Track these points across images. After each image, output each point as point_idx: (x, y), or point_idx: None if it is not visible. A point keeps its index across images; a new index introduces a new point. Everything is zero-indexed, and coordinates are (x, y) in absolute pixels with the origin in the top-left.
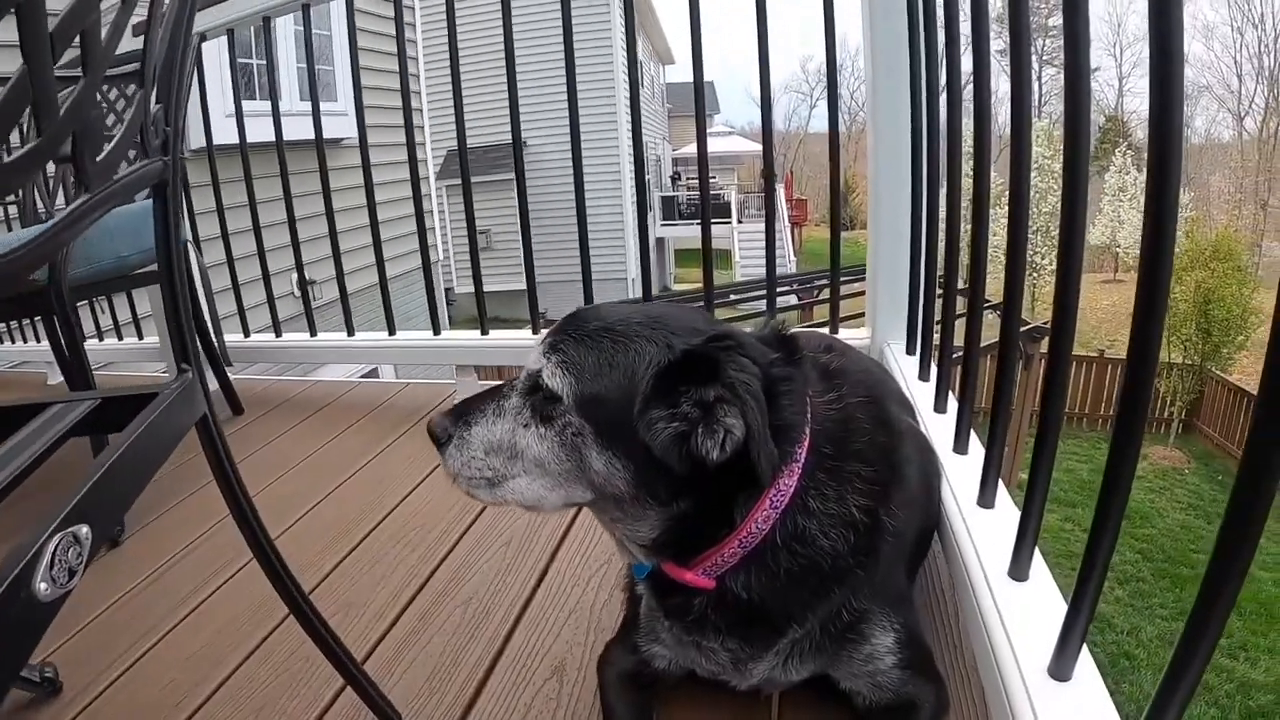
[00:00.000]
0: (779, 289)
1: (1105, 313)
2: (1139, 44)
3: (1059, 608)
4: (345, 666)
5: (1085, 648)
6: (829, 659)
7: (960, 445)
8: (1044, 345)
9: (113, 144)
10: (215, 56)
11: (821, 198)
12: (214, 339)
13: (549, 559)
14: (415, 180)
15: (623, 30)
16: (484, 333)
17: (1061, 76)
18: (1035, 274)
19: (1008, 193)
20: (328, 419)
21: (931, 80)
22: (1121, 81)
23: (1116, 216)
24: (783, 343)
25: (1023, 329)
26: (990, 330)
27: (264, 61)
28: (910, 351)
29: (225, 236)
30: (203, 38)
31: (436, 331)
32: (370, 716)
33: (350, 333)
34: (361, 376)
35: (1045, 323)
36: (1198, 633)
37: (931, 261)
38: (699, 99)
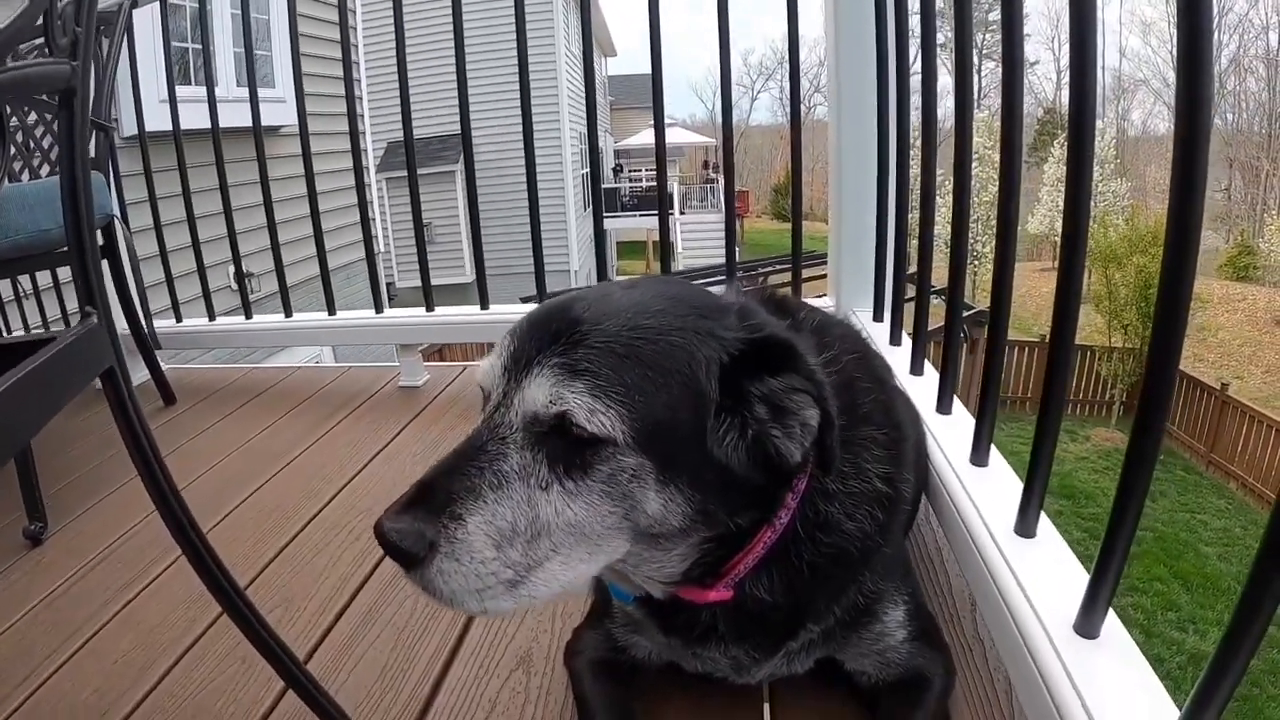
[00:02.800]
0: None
1: (1044, 299)
2: None
3: (1073, 563)
4: (286, 667)
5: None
6: (838, 644)
7: (944, 405)
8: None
9: (8, 20)
10: (149, 39)
11: (763, 189)
12: (142, 322)
13: None
14: (355, 139)
15: (564, 24)
16: (429, 309)
17: (999, 70)
18: (976, 261)
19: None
20: (265, 406)
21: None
22: (1059, 75)
23: (1055, 206)
24: (778, 307)
25: (966, 314)
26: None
27: (199, 45)
28: (878, 318)
29: (158, 226)
30: (134, 3)
31: (379, 309)
32: None
33: (288, 314)
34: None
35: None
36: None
37: (901, 226)
38: (657, 100)
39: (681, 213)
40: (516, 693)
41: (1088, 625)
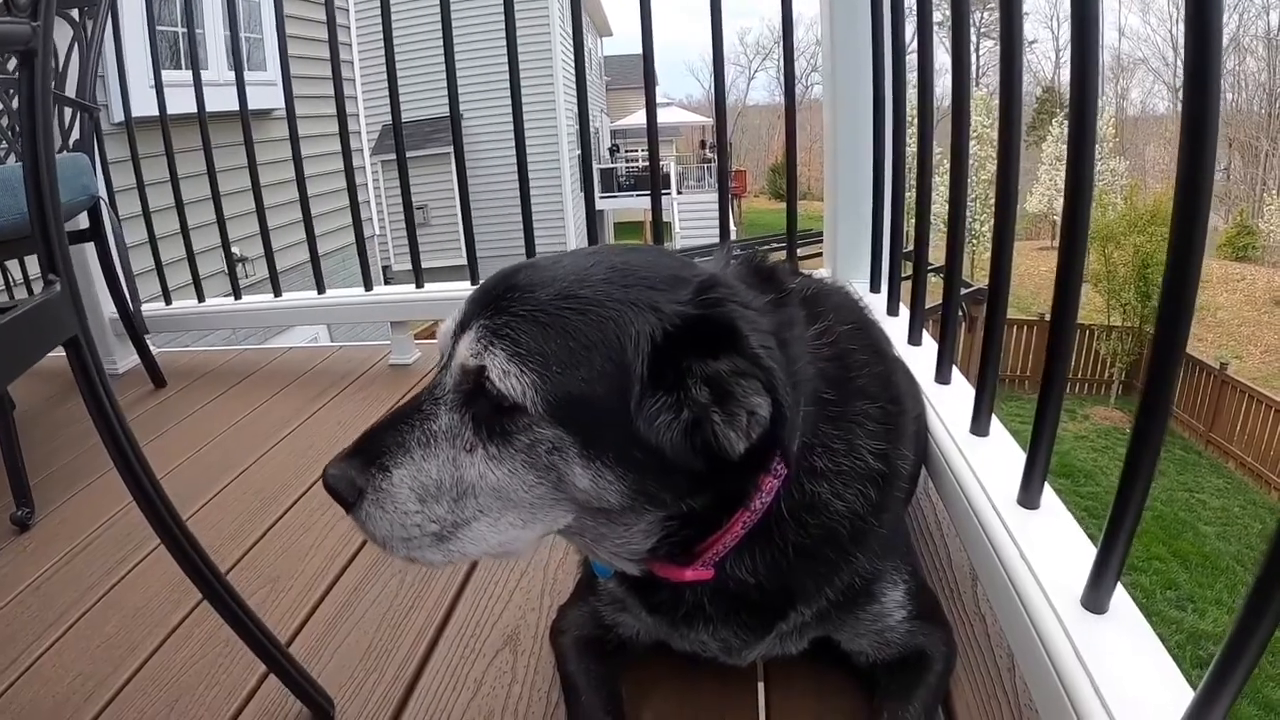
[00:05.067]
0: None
1: (1043, 279)
2: None
3: (1079, 535)
4: (267, 651)
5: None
6: (833, 625)
7: (943, 375)
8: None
9: None
10: (136, 23)
11: (760, 169)
12: (130, 305)
13: None
14: (342, 120)
15: (559, 5)
16: (419, 285)
17: (996, 48)
18: (974, 240)
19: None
20: (254, 387)
21: None
22: (1058, 54)
23: (1054, 185)
24: (765, 278)
25: (964, 292)
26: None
27: (186, 29)
28: (875, 289)
29: (146, 212)
30: None
31: (369, 287)
32: (297, 705)
33: (277, 293)
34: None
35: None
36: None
37: (898, 198)
38: (649, 80)
39: (679, 192)
40: (503, 672)
41: (1095, 599)
